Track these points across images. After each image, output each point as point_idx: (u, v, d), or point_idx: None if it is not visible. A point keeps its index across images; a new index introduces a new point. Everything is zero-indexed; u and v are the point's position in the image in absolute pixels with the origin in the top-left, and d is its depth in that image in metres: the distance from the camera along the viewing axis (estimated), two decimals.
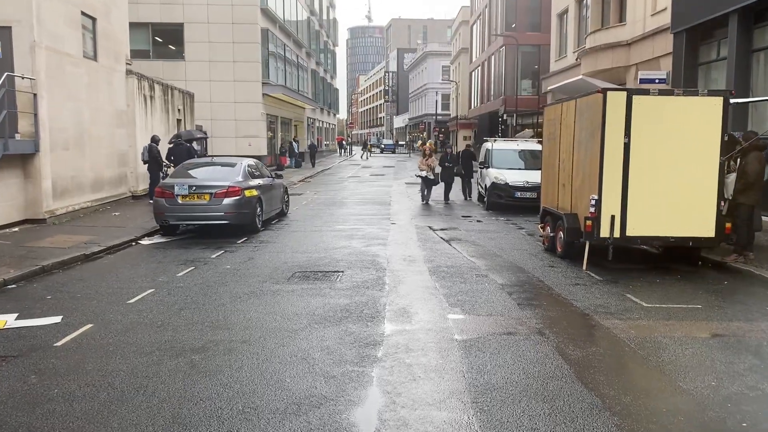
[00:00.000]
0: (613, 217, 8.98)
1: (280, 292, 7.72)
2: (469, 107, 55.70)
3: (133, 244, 11.69)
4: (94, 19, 16.01)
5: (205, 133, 27.13)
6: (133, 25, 26.84)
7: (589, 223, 9.07)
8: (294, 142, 37.75)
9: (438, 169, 18.83)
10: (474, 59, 53.30)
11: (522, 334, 6.03)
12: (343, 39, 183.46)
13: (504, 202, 16.96)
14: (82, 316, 6.74)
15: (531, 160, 18.38)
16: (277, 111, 35.45)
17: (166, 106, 21.01)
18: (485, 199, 18.00)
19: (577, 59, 24.69)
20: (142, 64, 25.25)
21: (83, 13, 15.34)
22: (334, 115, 66.54)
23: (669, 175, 8.97)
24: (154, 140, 17.27)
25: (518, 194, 16.77)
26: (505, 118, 36.03)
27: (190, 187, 12.11)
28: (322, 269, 9.18)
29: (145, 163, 17.22)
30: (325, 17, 54.48)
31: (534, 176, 16.97)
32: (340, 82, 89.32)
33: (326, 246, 11.26)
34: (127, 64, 18.26)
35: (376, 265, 9.48)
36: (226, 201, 12.07)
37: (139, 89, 18.56)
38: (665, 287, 8.15)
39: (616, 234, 9.01)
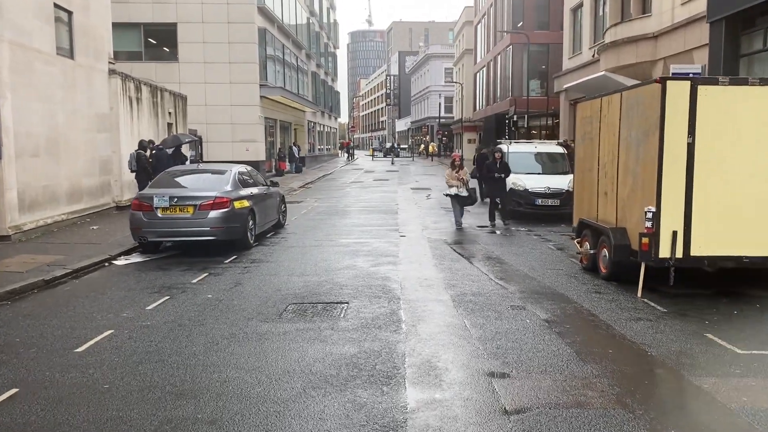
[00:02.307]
0: (674, 233, 7.40)
1: (269, 336, 6.11)
2: (474, 109, 54.08)
3: (106, 264, 10.14)
4: (69, 13, 14.48)
5: (200, 138, 25.69)
6: (123, 26, 25.52)
7: (645, 240, 7.48)
8: (294, 147, 36.28)
9: (472, 185, 14.60)
10: (479, 60, 51.71)
11: (597, 405, 4.40)
12: (344, 43, 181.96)
13: (523, 210, 15.39)
14: (10, 374, 5.16)
15: (550, 164, 16.84)
16: (276, 114, 33.94)
17: (155, 110, 19.44)
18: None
19: (593, 55, 23.15)
20: (134, 67, 23.69)
21: (57, 6, 13.81)
22: (336, 118, 64.93)
23: (742, 181, 7.42)
24: (142, 146, 15.69)
25: (539, 201, 15.20)
26: (515, 119, 34.38)
27: (171, 198, 10.55)
28: (322, 299, 7.58)
29: (132, 171, 15.66)
30: (325, 19, 52.96)
31: (555, 181, 15.46)
32: (342, 86, 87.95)
33: (327, 266, 9.68)
34: (110, 63, 16.72)
35: (387, 293, 7.89)
36: (213, 214, 10.50)
37: (124, 90, 17.02)
38: (750, 322, 6.54)
39: (679, 254, 7.43)
